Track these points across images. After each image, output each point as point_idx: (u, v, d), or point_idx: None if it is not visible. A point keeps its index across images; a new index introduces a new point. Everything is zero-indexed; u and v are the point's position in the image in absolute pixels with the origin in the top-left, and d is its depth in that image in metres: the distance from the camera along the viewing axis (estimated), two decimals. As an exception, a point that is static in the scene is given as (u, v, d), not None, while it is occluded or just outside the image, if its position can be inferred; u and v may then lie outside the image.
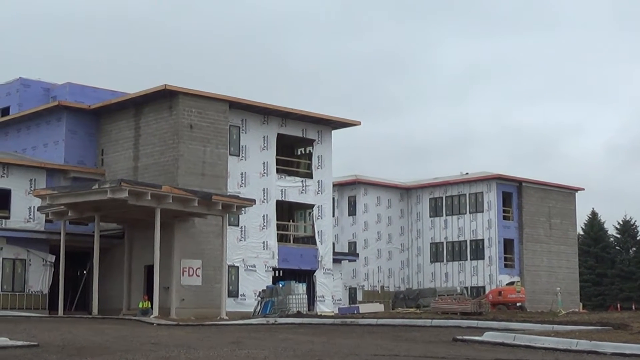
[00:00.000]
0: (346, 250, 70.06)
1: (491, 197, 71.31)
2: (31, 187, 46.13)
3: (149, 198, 40.21)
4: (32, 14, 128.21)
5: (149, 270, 43.66)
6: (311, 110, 51.04)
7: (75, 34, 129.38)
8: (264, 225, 48.74)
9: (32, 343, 21.50)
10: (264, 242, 48.60)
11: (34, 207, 45.62)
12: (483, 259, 71.15)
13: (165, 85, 45.10)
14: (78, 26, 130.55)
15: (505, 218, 71.92)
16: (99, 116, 49.55)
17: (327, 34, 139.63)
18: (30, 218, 46.15)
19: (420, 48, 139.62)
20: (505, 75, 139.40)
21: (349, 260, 64.88)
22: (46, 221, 46.23)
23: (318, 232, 51.45)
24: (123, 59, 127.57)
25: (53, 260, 45.40)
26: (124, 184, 39.62)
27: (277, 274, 49.69)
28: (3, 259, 44.22)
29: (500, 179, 71.80)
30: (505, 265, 71.17)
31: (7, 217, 45.57)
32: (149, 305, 41.99)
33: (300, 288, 44.27)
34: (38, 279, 45.16)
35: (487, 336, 24.37)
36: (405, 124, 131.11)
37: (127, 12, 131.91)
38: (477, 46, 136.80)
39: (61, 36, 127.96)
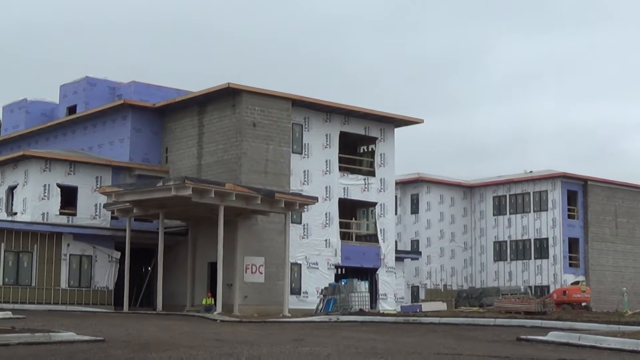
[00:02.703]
0: (409, 249, 69.85)
1: (556, 196, 70.48)
2: (97, 184, 46.79)
3: (213, 195, 40.51)
4: (98, 15, 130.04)
5: (213, 267, 44.00)
6: (373, 108, 50.96)
7: (140, 33, 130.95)
8: (327, 223, 48.78)
9: (98, 338, 21.79)
10: (326, 240, 48.66)
11: (100, 204, 46.25)
12: (547, 258, 70.36)
13: (229, 83, 45.38)
14: (143, 26, 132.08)
15: (570, 217, 71.02)
16: (163, 114, 50.06)
17: (386, 33, 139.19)
18: (96, 215, 46.80)
19: (478, 46, 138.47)
20: (564, 73, 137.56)
21: (412, 259, 64.63)
22: (112, 218, 46.88)
23: (380, 230, 51.36)
24: (187, 58, 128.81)
25: (118, 257, 45.96)
26: (188, 181, 39.96)
27: (339, 272, 49.69)
28: (70, 255, 44.91)
29: (564, 177, 70.91)
30: (570, 265, 70.29)
31: (74, 214, 46.28)
32: (213, 302, 42.32)
33: (363, 286, 44.25)
34: (104, 275, 45.77)
35: (552, 336, 24.10)
36: (463, 122, 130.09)
37: (190, 13, 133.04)
38: (535, 44, 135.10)
39: (126, 36, 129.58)
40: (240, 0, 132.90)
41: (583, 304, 53.66)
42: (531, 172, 74.50)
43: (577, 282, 60.93)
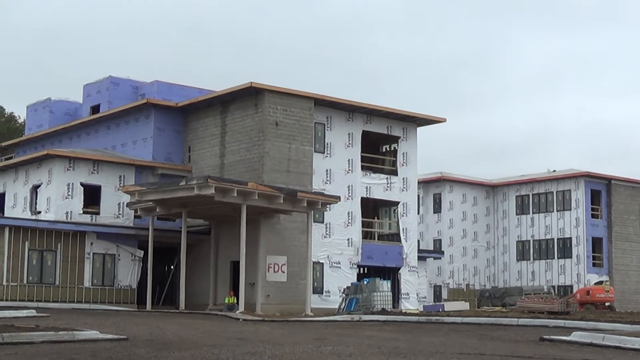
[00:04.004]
0: (431, 248, 69.71)
1: (579, 195, 70.15)
2: (120, 183, 46.99)
3: (235, 195, 40.59)
4: (121, 14, 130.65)
5: (235, 266, 44.08)
6: (395, 107, 50.88)
7: (163, 33, 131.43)
8: (349, 222, 48.76)
9: (121, 337, 21.88)
10: (348, 239, 48.64)
11: (123, 203, 46.45)
12: (571, 257, 70.04)
13: (251, 82, 45.43)
14: (166, 26, 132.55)
15: (593, 216, 70.68)
16: (186, 113, 50.20)
17: (408, 33, 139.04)
18: (119, 214, 47.00)
19: (500, 44, 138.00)
20: (587, 71, 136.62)
21: (434, 258, 64.54)
22: (135, 217, 47.06)
23: (403, 229, 51.26)
24: (209, 57, 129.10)
25: (141, 256, 46.13)
26: (211, 180, 40.06)
27: (361, 271, 49.67)
28: (93, 253, 45.10)
29: (588, 177, 70.58)
30: (594, 264, 69.95)
31: (97, 213, 46.50)
32: (235, 301, 42.39)
33: (385, 285, 44.21)
34: (127, 274, 45.93)
35: (575, 336, 23.98)
36: (485, 121, 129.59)
37: (213, 13, 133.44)
38: (557, 42, 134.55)
39: (149, 35, 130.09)
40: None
41: (607, 303, 53.37)
42: (554, 171, 74.23)
43: (600, 282, 60.59)
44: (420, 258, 52.97)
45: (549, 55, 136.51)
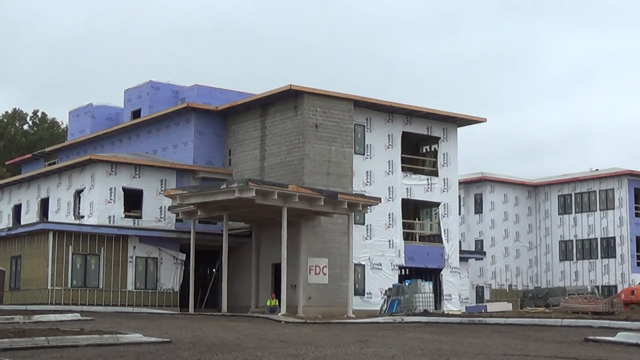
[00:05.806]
0: (473, 249, 69.35)
1: (622, 194, 69.47)
2: (162, 187, 47.26)
3: (276, 197, 40.66)
4: (161, 19, 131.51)
5: (277, 268, 44.16)
6: (435, 108, 50.68)
7: (202, 37, 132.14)
8: (390, 224, 48.64)
9: (164, 339, 22.02)
10: (389, 241, 48.53)
11: (165, 206, 46.72)
12: (614, 257, 69.36)
13: (291, 85, 45.49)
14: (204, 30, 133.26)
15: (637, 215, 69.92)
16: (226, 117, 50.40)
17: (440, 32, 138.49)
18: (161, 217, 47.27)
19: (535, 43, 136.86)
20: (622, 68, 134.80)
21: (476, 259, 64.17)
22: (176, 220, 47.30)
23: (444, 230, 51.03)
24: (248, 61, 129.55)
25: (183, 259, 46.38)
26: (251, 183, 40.17)
27: (403, 273, 49.51)
28: (136, 257, 45.43)
29: (631, 175, 69.86)
30: (638, 264, 69.17)
31: (140, 217, 46.80)
32: (277, 303, 42.46)
33: (427, 286, 44.02)
34: (169, 277, 46.22)
35: (620, 336, 23.75)
36: (521, 120, 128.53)
37: (251, 17, 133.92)
38: (592, 38, 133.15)
39: (189, 40, 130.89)
40: (300, 3, 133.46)
41: (652, 303, 52.73)
42: (597, 170, 73.58)
43: (645, 282, 59.94)
44: (462, 259, 52.71)
45: (583, 53, 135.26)
